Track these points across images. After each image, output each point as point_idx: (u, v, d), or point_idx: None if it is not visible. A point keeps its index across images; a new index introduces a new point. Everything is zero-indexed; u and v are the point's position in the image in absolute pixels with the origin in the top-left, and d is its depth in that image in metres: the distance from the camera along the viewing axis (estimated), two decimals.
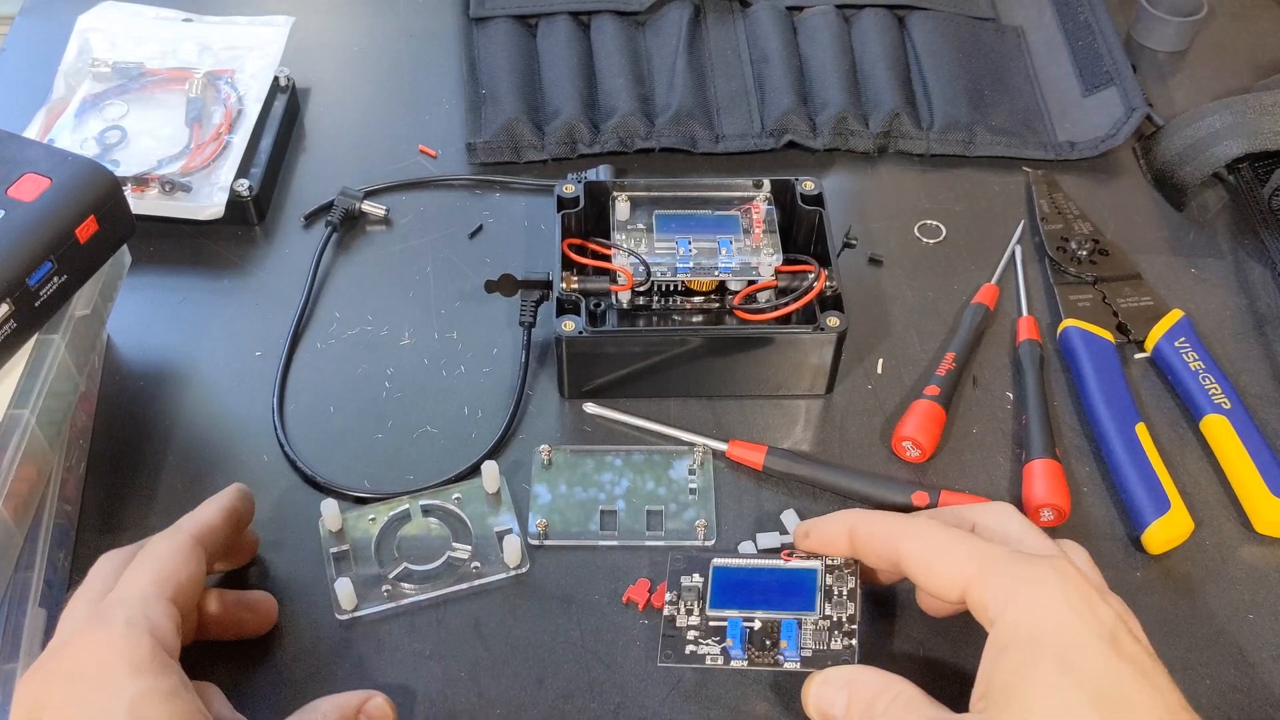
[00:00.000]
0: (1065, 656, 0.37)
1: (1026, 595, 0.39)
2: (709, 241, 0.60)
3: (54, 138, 0.68)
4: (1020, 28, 0.82)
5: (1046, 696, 0.36)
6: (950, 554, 0.41)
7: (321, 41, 0.80)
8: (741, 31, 0.79)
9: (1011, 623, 0.38)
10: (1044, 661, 0.37)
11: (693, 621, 0.48)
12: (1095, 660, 0.37)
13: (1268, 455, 0.56)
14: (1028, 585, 0.39)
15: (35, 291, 0.50)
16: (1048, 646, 0.37)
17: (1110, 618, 0.38)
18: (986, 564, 0.40)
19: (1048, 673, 0.37)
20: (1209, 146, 0.69)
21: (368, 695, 0.45)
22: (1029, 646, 0.37)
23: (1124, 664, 0.37)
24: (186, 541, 0.45)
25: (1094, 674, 0.37)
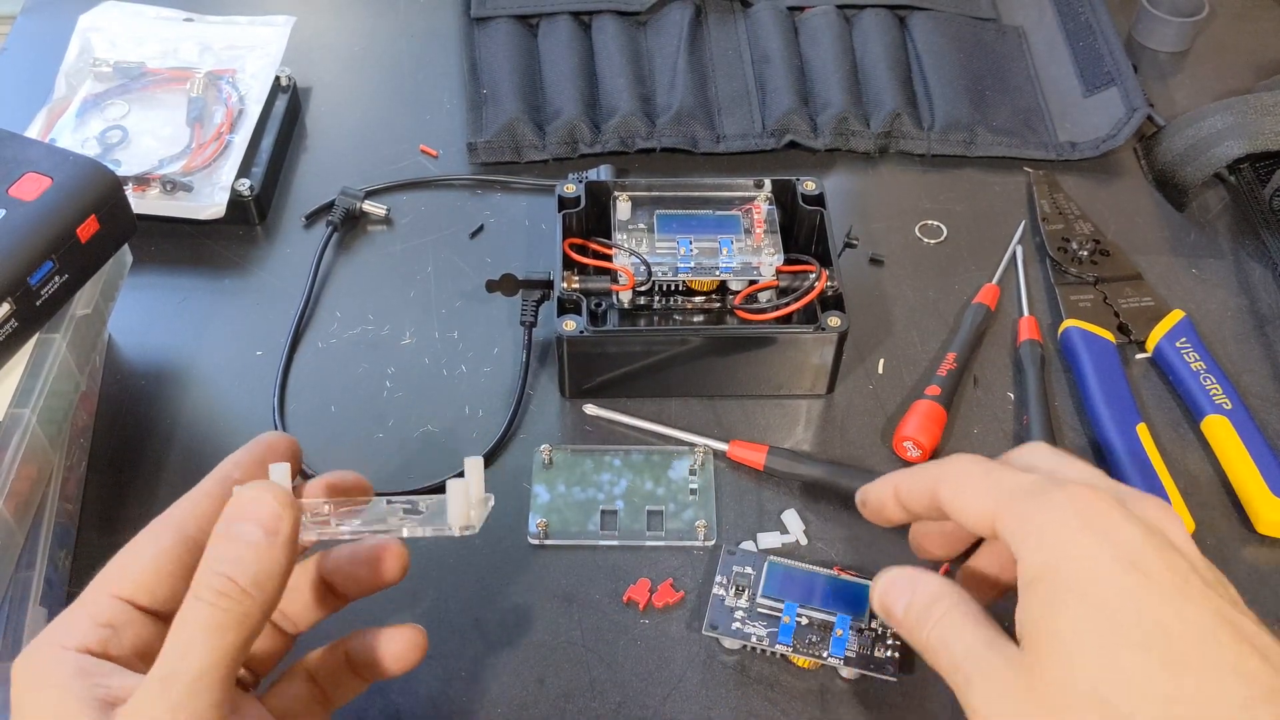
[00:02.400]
0: (1087, 589, 0.35)
1: (1040, 524, 0.37)
2: (710, 241, 0.60)
3: (55, 137, 0.68)
4: (1021, 28, 0.82)
5: (1074, 633, 0.34)
6: (977, 489, 0.40)
7: (322, 41, 0.80)
8: (742, 31, 0.79)
9: (1031, 556, 0.36)
10: (1067, 596, 0.35)
11: (741, 604, 0.50)
12: (1119, 587, 0.34)
13: (1268, 456, 0.56)
14: (1042, 513, 0.37)
15: (36, 291, 0.50)
16: (1068, 579, 0.35)
17: (1133, 536, 0.35)
18: (1008, 495, 0.38)
19: (1072, 608, 0.34)
20: (1210, 147, 0.69)
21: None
22: (1051, 581, 0.35)
23: (1153, 585, 0.34)
24: (153, 526, 0.40)
25: (1119, 603, 0.34)
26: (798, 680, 0.50)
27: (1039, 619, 0.35)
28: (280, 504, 0.36)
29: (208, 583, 0.35)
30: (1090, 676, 0.33)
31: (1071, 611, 0.34)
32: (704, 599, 0.51)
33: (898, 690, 0.49)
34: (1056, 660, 0.34)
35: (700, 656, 0.50)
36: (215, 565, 0.35)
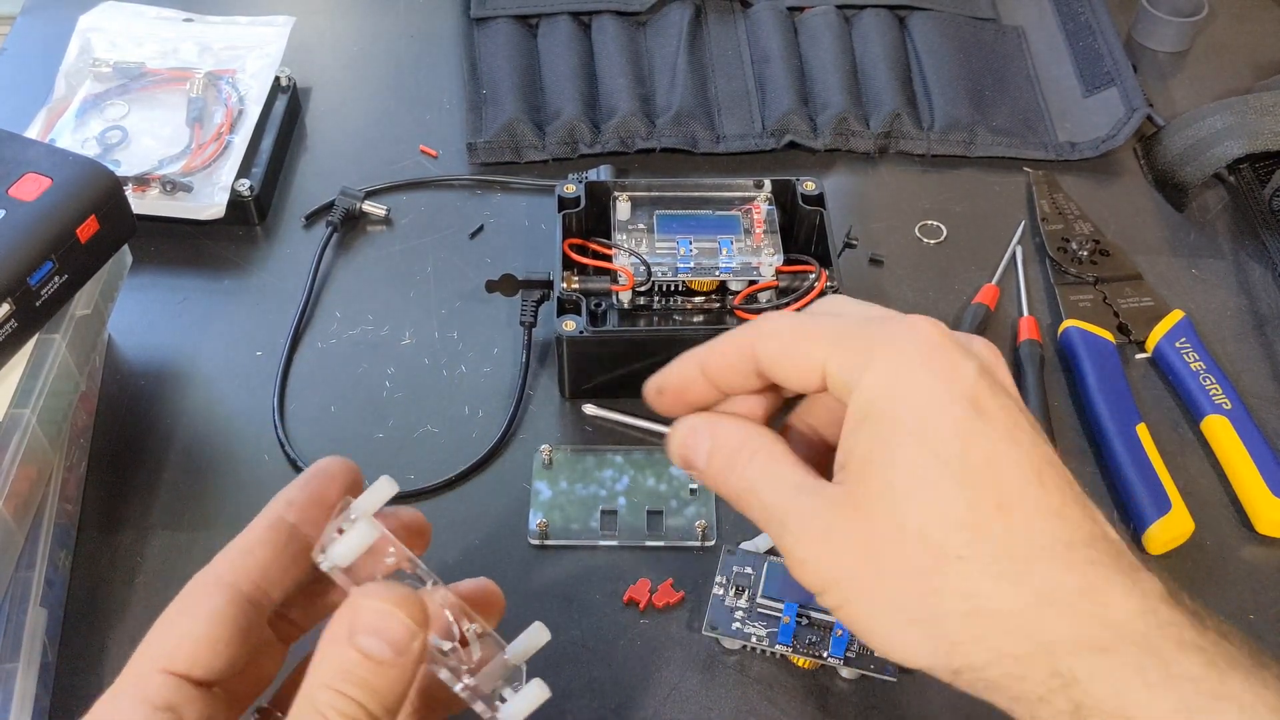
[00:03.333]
0: (923, 425, 0.33)
1: (881, 359, 0.34)
2: (710, 242, 0.60)
3: (55, 138, 0.68)
4: (1021, 28, 0.82)
5: (906, 469, 0.32)
6: (805, 336, 0.36)
7: (322, 41, 0.80)
8: (742, 32, 0.79)
9: (867, 391, 0.34)
10: (901, 432, 0.33)
11: (740, 604, 0.50)
12: (955, 425, 0.32)
13: (1268, 456, 0.56)
14: (881, 348, 0.34)
15: (36, 291, 0.50)
16: (904, 414, 0.33)
17: (971, 373, 0.33)
18: (840, 335, 0.35)
19: (906, 444, 0.33)
20: (1210, 147, 0.69)
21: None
22: (885, 416, 0.33)
23: (987, 424, 0.33)
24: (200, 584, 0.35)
25: (953, 440, 0.32)
26: (798, 680, 0.50)
27: (869, 454, 0.33)
28: (416, 621, 0.32)
29: (330, 701, 0.31)
30: (919, 514, 0.32)
31: (906, 447, 0.33)
32: (704, 599, 0.51)
33: (898, 690, 0.49)
34: (883, 497, 0.33)
35: (700, 656, 0.50)
36: (338, 682, 0.31)
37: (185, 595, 0.34)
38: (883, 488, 0.33)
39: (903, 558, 0.32)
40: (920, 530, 0.32)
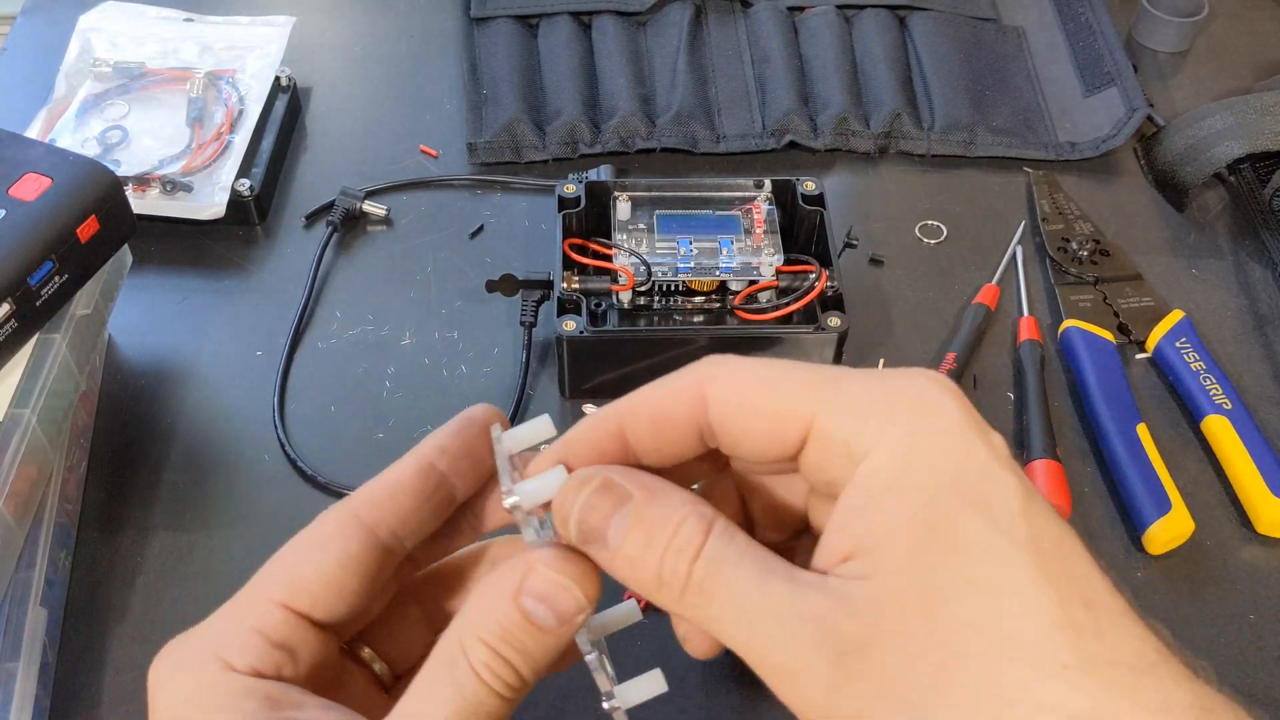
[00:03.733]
0: (988, 499, 0.26)
1: (909, 416, 0.27)
2: (710, 241, 0.60)
3: (55, 137, 0.68)
4: (1021, 28, 0.82)
5: (980, 555, 0.25)
6: (781, 384, 0.28)
7: (322, 41, 0.80)
8: (742, 32, 0.79)
9: (894, 455, 0.26)
10: (961, 508, 0.26)
11: None
12: (1020, 500, 0.26)
13: (1268, 456, 0.56)
14: (905, 403, 0.27)
15: (36, 291, 0.50)
16: (962, 485, 0.26)
17: (1002, 444, 0.28)
18: (834, 384, 0.28)
19: (972, 523, 0.25)
20: (1210, 147, 0.69)
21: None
22: (930, 487, 0.26)
23: (1040, 501, 0.27)
24: (332, 520, 0.32)
25: (1021, 520, 0.26)
26: None
27: (912, 535, 0.26)
28: (588, 598, 0.30)
29: (482, 656, 0.29)
30: (1008, 612, 0.25)
31: (973, 527, 0.26)
32: None
33: None
34: (949, 592, 0.25)
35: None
36: (494, 638, 0.29)
37: (318, 528, 0.32)
38: (947, 580, 0.25)
39: (990, 672, 0.24)
40: (1014, 634, 0.25)
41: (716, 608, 0.27)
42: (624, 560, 0.28)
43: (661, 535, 0.28)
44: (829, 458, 0.28)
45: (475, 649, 0.29)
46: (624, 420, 0.30)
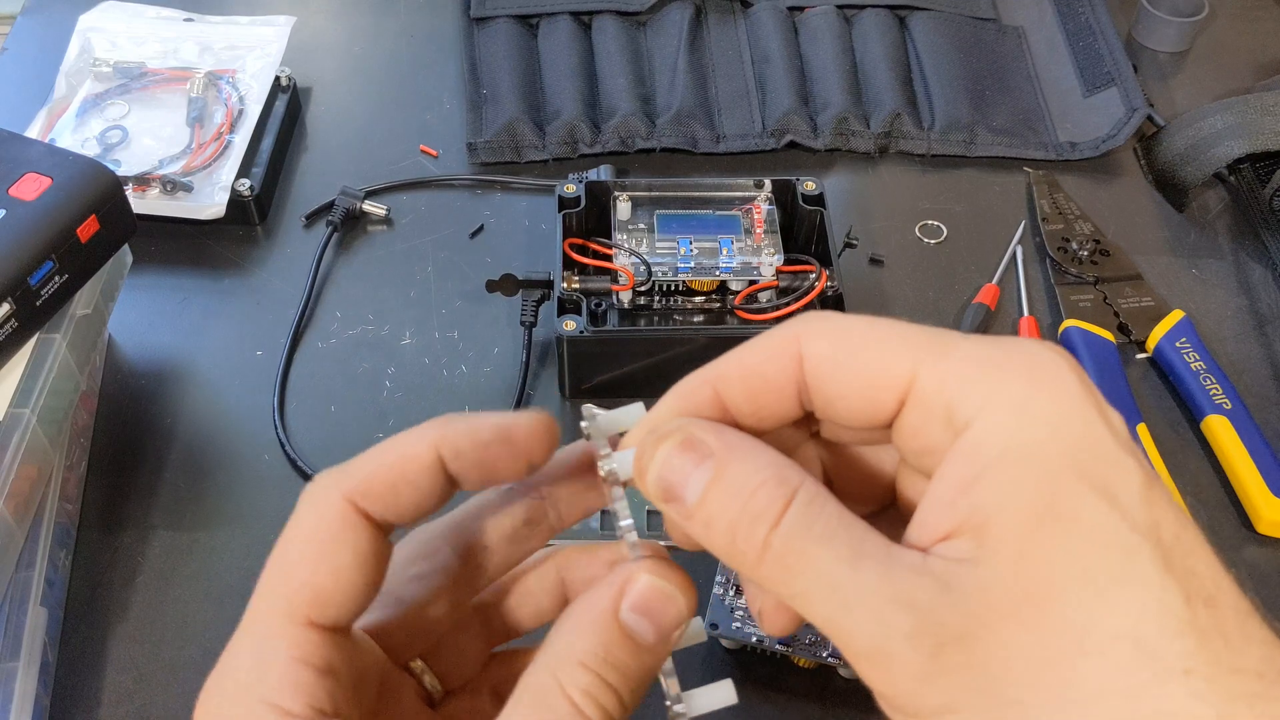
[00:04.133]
0: (1108, 482, 0.23)
1: (1024, 383, 0.24)
2: (710, 241, 0.60)
3: (55, 137, 0.68)
4: (1021, 28, 0.82)
5: (1102, 543, 0.23)
6: (881, 340, 0.26)
7: (322, 41, 0.80)
8: (743, 32, 0.79)
9: (1006, 422, 0.24)
10: (1083, 490, 0.23)
11: (740, 604, 0.50)
12: (1141, 485, 0.24)
13: (1268, 456, 0.56)
14: (1018, 368, 0.25)
15: (36, 291, 0.50)
16: (1084, 464, 0.24)
17: (1121, 423, 0.25)
18: (938, 343, 0.26)
19: (1095, 508, 0.23)
20: (1210, 147, 0.69)
21: None
22: (1051, 462, 0.23)
23: (1163, 490, 0.24)
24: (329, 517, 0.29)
25: (1143, 508, 0.23)
26: (798, 680, 0.50)
27: (1028, 514, 0.23)
28: (689, 608, 0.28)
29: (584, 683, 0.26)
30: (1128, 609, 0.23)
31: (1096, 512, 0.23)
32: (704, 599, 0.51)
33: None
34: (1065, 582, 0.23)
35: (700, 657, 0.50)
36: (596, 661, 0.27)
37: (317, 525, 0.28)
38: (1064, 569, 0.23)
39: (1104, 674, 0.22)
40: (1133, 634, 0.22)
41: (800, 583, 0.25)
42: (700, 522, 0.26)
43: (741, 496, 0.25)
44: (928, 423, 0.25)
45: (575, 676, 0.26)
46: (718, 382, 0.28)
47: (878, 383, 0.26)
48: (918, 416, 0.26)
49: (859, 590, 0.24)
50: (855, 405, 0.27)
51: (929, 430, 0.25)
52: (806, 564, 0.24)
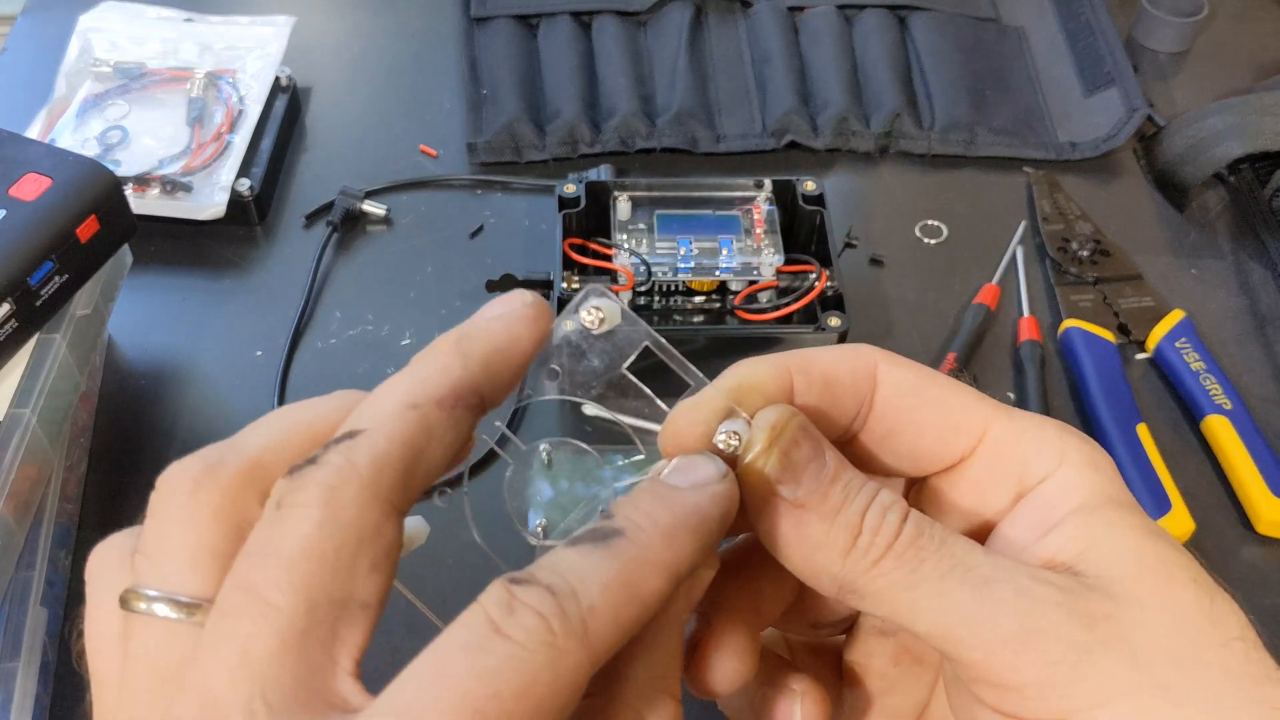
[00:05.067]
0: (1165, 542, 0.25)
1: (1089, 453, 0.26)
2: (710, 241, 0.60)
3: (55, 138, 0.68)
4: (1021, 28, 0.82)
5: (1189, 560, 0.25)
6: (956, 389, 0.27)
7: (322, 41, 0.80)
8: (743, 32, 0.79)
9: (1082, 480, 0.26)
10: (1161, 536, 0.25)
11: None
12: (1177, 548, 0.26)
13: (1269, 456, 0.56)
14: (1082, 441, 0.27)
15: (36, 291, 0.50)
16: (1142, 518, 0.26)
17: None
18: (1005, 409, 0.27)
19: (1182, 570, 0.25)
20: (1210, 147, 0.69)
21: None
22: (1128, 509, 0.26)
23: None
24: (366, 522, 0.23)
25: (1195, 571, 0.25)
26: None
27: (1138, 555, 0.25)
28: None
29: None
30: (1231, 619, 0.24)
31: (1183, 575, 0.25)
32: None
33: None
34: (1185, 590, 0.24)
35: None
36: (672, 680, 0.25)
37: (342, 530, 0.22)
38: (1182, 573, 0.25)
39: (1230, 664, 0.24)
40: (1243, 637, 0.24)
41: (930, 569, 0.24)
42: (817, 514, 0.25)
43: (863, 494, 0.25)
44: (994, 475, 0.27)
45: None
46: (799, 365, 0.27)
47: (957, 425, 0.27)
48: (986, 468, 0.27)
49: (997, 568, 0.24)
50: (922, 442, 0.27)
51: (991, 485, 0.27)
52: (940, 544, 0.24)
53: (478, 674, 0.20)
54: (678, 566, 0.23)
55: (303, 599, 0.21)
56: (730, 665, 0.27)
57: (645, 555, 0.23)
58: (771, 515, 0.25)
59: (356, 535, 0.22)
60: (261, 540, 0.22)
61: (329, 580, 0.22)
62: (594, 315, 0.28)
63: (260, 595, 0.21)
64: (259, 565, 0.22)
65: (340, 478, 0.22)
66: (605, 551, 0.23)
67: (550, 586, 0.22)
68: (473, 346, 0.26)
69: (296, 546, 0.21)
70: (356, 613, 0.22)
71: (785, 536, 0.25)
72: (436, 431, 0.24)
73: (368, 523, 0.22)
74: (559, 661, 0.21)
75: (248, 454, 0.25)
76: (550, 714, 0.21)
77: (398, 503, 0.23)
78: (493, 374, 0.27)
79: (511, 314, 0.27)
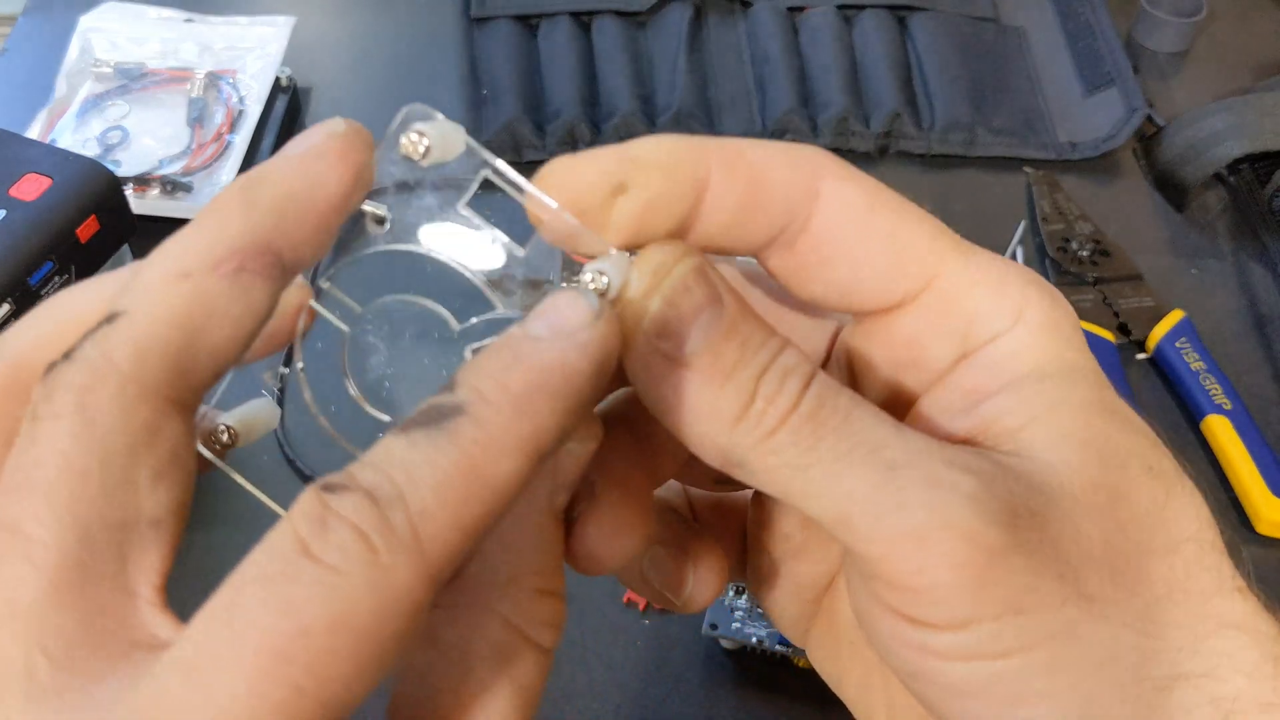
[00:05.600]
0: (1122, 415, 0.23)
1: (1047, 311, 0.23)
2: None
3: (55, 138, 0.68)
4: (1021, 28, 0.82)
5: (1150, 442, 0.22)
6: (909, 222, 0.23)
7: (322, 41, 0.80)
8: (742, 32, 0.79)
9: (1036, 346, 0.22)
10: (1118, 409, 0.23)
11: (740, 604, 0.50)
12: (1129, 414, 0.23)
13: (1268, 456, 0.56)
14: (1043, 295, 0.23)
15: (36, 291, 0.50)
16: (1103, 392, 0.23)
17: None
18: (966, 252, 0.23)
19: (1138, 421, 0.23)
20: (1210, 147, 0.69)
21: None
22: (1089, 388, 0.22)
23: None
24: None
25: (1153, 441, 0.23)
26: (798, 680, 0.50)
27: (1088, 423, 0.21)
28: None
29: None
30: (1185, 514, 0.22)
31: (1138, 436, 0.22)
32: None
33: None
34: (1136, 478, 0.21)
35: (700, 657, 0.50)
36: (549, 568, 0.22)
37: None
38: (1135, 461, 0.21)
39: (1172, 575, 0.21)
40: (1198, 537, 0.22)
41: (828, 447, 0.20)
42: (704, 375, 0.21)
43: (761, 353, 0.21)
44: (938, 328, 0.23)
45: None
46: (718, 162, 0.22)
47: (902, 265, 0.22)
48: (925, 321, 0.23)
49: (907, 450, 0.20)
50: (860, 279, 0.23)
51: (931, 340, 0.23)
52: (843, 419, 0.20)
53: (281, 610, 0.17)
54: (537, 442, 0.19)
55: (70, 528, 0.18)
56: (617, 542, 0.23)
57: (492, 435, 0.19)
58: (648, 371, 0.21)
59: (126, 442, 0.18)
60: (14, 466, 0.18)
61: (100, 501, 0.18)
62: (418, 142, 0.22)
63: (20, 532, 0.18)
64: (14, 497, 0.18)
65: (93, 375, 0.18)
66: (441, 437, 0.19)
67: (371, 490, 0.18)
68: (260, 194, 0.20)
69: (53, 467, 0.18)
70: (146, 531, 0.19)
71: (664, 398, 0.21)
72: (218, 304, 0.19)
73: (137, 424, 0.18)
74: (384, 583, 0.17)
75: (6, 358, 0.21)
76: (381, 645, 0.17)
77: (178, 395, 0.19)
78: (290, 227, 0.20)
79: (312, 149, 0.21)
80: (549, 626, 0.21)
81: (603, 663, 0.50)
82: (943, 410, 0.22)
